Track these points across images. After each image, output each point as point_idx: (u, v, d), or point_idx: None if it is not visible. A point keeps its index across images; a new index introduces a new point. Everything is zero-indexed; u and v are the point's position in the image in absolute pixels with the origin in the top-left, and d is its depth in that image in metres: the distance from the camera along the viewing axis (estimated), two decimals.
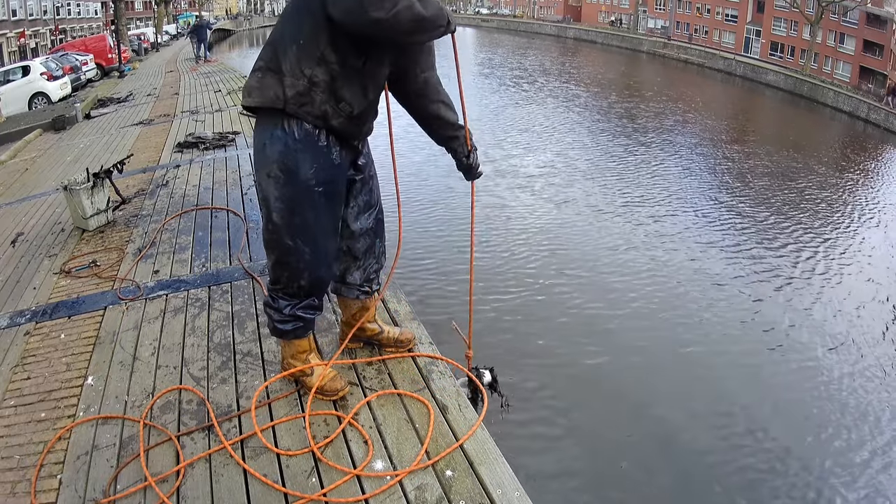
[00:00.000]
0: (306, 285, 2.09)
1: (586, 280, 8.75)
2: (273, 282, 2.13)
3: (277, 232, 1.99)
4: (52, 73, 16.01)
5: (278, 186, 1.93)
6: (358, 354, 2.50)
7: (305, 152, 1.90)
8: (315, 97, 1.85)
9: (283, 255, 2.03)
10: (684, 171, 15.17)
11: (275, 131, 1.89)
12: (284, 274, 2.07)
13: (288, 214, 1.96)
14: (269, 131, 1.90)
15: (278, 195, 1.94)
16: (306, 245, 2.01)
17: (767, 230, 11.55)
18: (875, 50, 31.86)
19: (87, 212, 4.38)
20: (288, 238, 1.99)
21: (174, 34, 39.05)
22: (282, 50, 1.85)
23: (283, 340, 2.26)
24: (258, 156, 1.97)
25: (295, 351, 2.26)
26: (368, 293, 2.38)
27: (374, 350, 2.51)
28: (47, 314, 3.20)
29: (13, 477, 2.08)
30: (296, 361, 2.27)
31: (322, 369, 2.28)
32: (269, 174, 1.93)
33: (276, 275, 2.10)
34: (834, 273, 9.93)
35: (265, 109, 1.91)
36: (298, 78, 1.83)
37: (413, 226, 9.10)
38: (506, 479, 1.87)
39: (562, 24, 57.76)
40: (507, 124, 18.77)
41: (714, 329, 7.83)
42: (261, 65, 1.90)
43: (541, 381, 6.39)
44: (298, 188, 1.93)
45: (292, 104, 1.85)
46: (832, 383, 6.93)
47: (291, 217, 1.96)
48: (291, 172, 1.90)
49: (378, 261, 2.36)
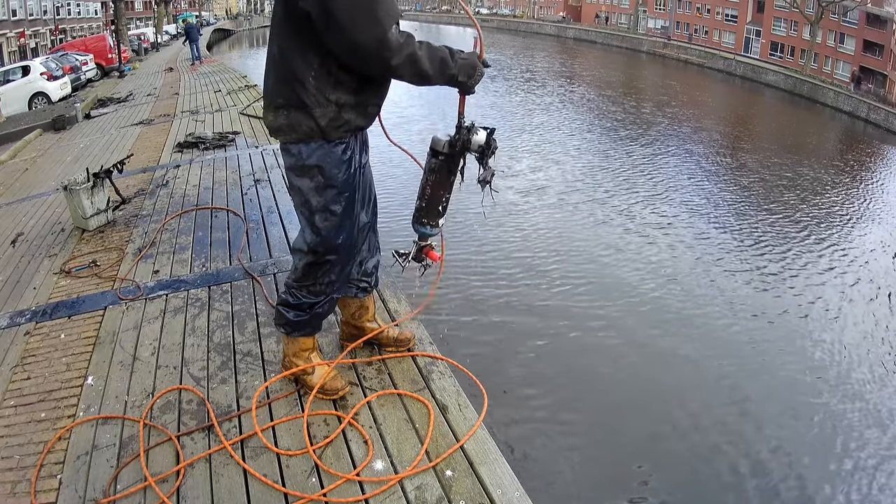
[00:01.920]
0: (336, 280, 2.16)
1: (587, 281, 8.75)
2: (299, 279, 2.15)
3: (320, 234, 2.06)
4: (52, 73, 16.01)
5: (318, 195, 2.01)
6: (358, 354, 2.49)
7: (343, 156, 2.00)
8: (346, 116, 1.94)
9: (324, 255, 2.09)
10: (684, 172, 15.17)
11: (311, 143, 1.96)
12: (318, 273, 2.12)
13: (330, 218, 2.04)
14: (305, 143, 1.97)
15: (319, 202, 2.02)
16: (345, 243, 2.10)
17: (768, 230, 11.54)
18: (875, 50, 31.86)
19: (87, 212, 4.38)
20: (331, 239, 2.06)
21: (174, 34, 39.03)
22: (299, 86, 1.89)
23: (289, 339, 2.27)
24: (297, 165, 2.02)
25: (298, 349, 2.28)
26: (367, 290, 2.40)
27: (374, 350, 2.51)
28: (47, 314, 3.20)
29: (13, 477, 2.08)
30: (298, 360, 2.28)
31: (324, 368, 2.30)
32: (313, 182, 2.00)
33: (305, 273, 2.13)
34: (834, 273, 9.92)
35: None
36: (326, 106, 1.90)
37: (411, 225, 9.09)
38: (506, 479, 1.87)
39: (562, 24, 57.79)
40: (507, 124, 18.78)
41: (714, 330, 7.83)
42: (281, 102, 1.94)
43: (541, 381, 6.39)
44: (340, 191, 2.02)
45: (331, 132, 1.94)
46: (831, 384, 6.94)
47: (332, 219, 2.04)
48: (331, 177, 1.99)
49: (374, 256, 2.38)
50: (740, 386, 6.65)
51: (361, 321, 2.46)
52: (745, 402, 6.39)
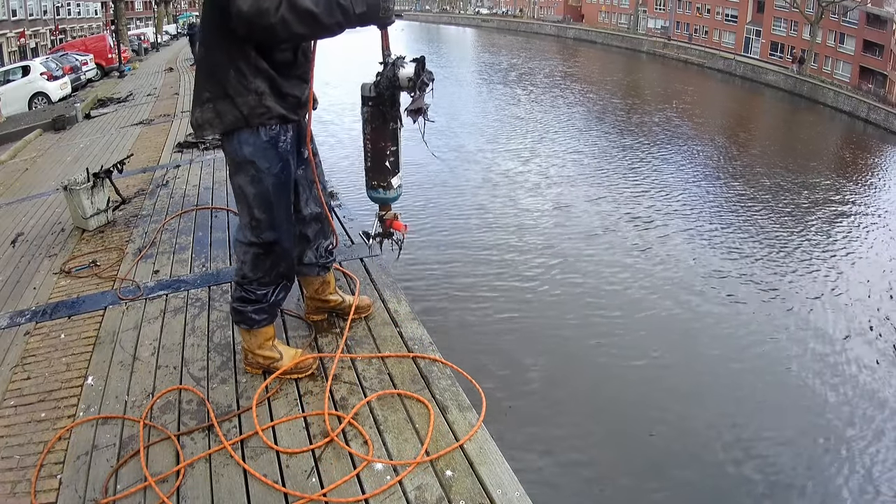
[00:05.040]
0: (285, 270, 2.28)
1: (587, 282, 8.75)
2: (250, 273, 2.24)
3: (259, 227, 2.16)
4: (52, 73, 16.00)
5: (254, 185, 2.11)
6: (358, 353, 2.50)
7: (272, 148, 2.09)
8: (267, 103, 2.02)
9: (267, 247, 2.19)
10: (683, 171, 15.17)
11: (242, 137, 2.06)
12: (266, 264, 2.22)
13: (267, 208, 2.14)
14: (237, 137, 2.07)
15: (256, 192, 2.12)
16: (285, 233, 2.21)
17: (768, 230, 11.54)
18: (875, 50, 31.83)
19: (87, 212, 4.38)
20: (269, 231, 2.16)
21: (174, 34, 39.00)
22: (223, 77, 2.00)
23: (250, 333, 2.34)
24: (233, 161, 2.13)
25: (262, 340, 2.36)
26: (327, 268, 2.58)
27: (374, 349, 2.52)
28: (47, 314, 3.20)
29: (13, 477, 2.08)
30: (263, 351, 2.36)
31: (292, 352, 2.42)
32: (246, 174, 2.10)
33: (254, 266, 2.23)
34: (835, 273, 9.92)
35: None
36: (246, 95, 2.00)
37: (413, 226, 9.11)
38: (506, 479, 1.87)
39: (562, 24, 57.76)
40: (507, 125, 18.78)
41: (715, 330, 7.84)
42: (208, 96, 2.04)
43: (541, 381, 6.39)
44: (274, 182, 2.11)
45: (254, 119, 2.03)
46: (829, 385, 6.94)
47: (270, 210, 2.14)
48: (262, 170, 2.09)
49: (328, 238, 2.54)
50: (742, 387, 6.66)
51: (325, 295, 2.65)
52: (746, 402, 6.39)
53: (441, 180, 12.25)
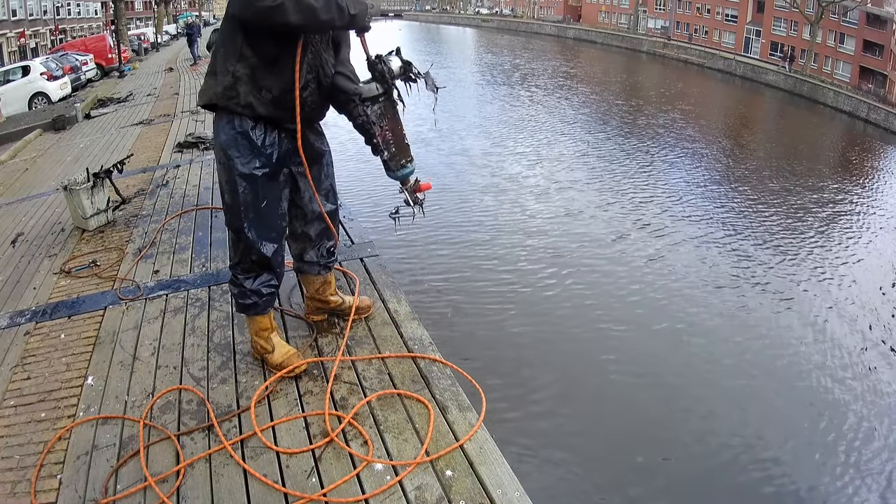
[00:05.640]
0: (258, 259, 2.30)
1: (588, 283, 8.75)
2: (232, 258, 2.34)
3: (229, 212, 2.25)
4: (52, 73, 15.99)
5: (225, 171, 2.20)
6: (358, 354, 2.50)
7: (244, 140, 2.15)
8: (240, 89, 2.10)
9: (236, 233, 2.28)
10: (684, 171, 15.15)
11: (221, 124, 2.18)
12: (239, 249, 2.30)
13: (234, 196, 2.21)
14: (218, 124, 2.19)
15: (226, 178, 2.21)
16: (252, 224, 2.24)
17: (780, 236, 11.46)
18: (875, 50, 31.83)
19: (87, 212, 4.38)
20: (236, 217, 2.24)
21: (174, 34, 38.99)
22: (215, 55, 2.14)
23: (247, 317, 2.43)
24: (214, 146, 2.26)
25: (258, 328, 2.42)
26: (329, 268, 2.61)
27: (374, 349, 2.52)
28: (47, 314, 3.20)
29: (13, 477, 2.08)
30: (259, 339, 2.43)
31: (284, 347, 2.45)
32: (220, 161, 2.22)
33: (234, 251, 2.33)
34: (848, 280, 9.80)
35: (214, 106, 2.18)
36: (225, 75, 2.10)
37: (414, 226, 9.10)
38: (506, 479, 1.87)
39: (562, 24, 57.77)
40: (512, 127, 18.77)
41: (716, 330, 7.83)
42: (207, 70, 2.20)
43: (541, 382, 6.39)
44: (241, 172, 2.17)
45: (222, 98, 2.12)
46: (828, 385, 6.93)
47: (236, 198, 2.20)
48: (233, 159, 2.17)
49: (331, 239, 2.56)
50: (744, 387, 6.65)
51: (325, 295, 2.67)
52: (747, 403, 6.39)
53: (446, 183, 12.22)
